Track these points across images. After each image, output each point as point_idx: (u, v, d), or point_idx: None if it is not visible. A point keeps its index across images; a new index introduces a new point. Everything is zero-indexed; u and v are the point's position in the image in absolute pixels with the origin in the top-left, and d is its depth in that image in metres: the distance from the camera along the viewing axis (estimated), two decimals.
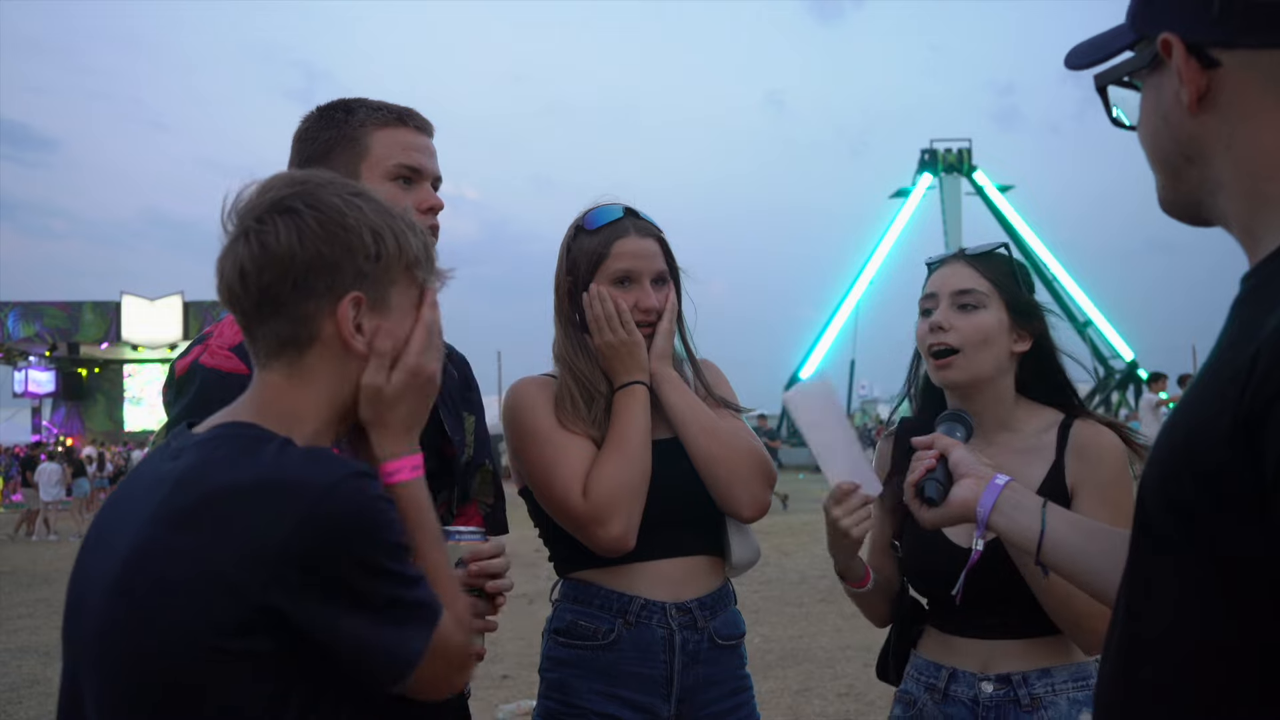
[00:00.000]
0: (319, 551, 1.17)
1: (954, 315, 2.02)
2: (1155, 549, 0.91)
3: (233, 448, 1.24)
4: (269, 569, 1.15)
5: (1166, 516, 0.89)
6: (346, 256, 1.28)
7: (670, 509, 2.11)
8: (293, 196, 1.28)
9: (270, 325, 1.29)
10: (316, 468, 1.21)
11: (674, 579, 2.10)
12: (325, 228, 1.27)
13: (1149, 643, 0.91)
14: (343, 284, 1.28)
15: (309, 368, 1.30)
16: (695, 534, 2.15)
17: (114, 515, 1.31)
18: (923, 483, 1.65)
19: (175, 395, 1.78)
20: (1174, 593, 0.88)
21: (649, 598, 2.08)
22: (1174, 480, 0.88)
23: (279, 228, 1.26)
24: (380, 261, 1.30)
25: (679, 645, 2.07)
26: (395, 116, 1.93)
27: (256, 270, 1.26)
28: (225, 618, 1.15)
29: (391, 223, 1.32)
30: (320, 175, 1.34)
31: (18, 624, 9.69)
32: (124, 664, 1.19)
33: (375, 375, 1.33)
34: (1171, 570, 0.88)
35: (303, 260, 1.26)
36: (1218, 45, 0.95)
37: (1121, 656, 0.95)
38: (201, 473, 1.22)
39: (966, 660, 2.02)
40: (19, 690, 7.07)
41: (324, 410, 1.32)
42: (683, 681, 2.08)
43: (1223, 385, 0.85)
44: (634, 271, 2.14)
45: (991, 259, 2.09)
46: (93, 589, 1.25)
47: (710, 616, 2.12)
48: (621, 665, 2.06)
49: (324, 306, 1.28)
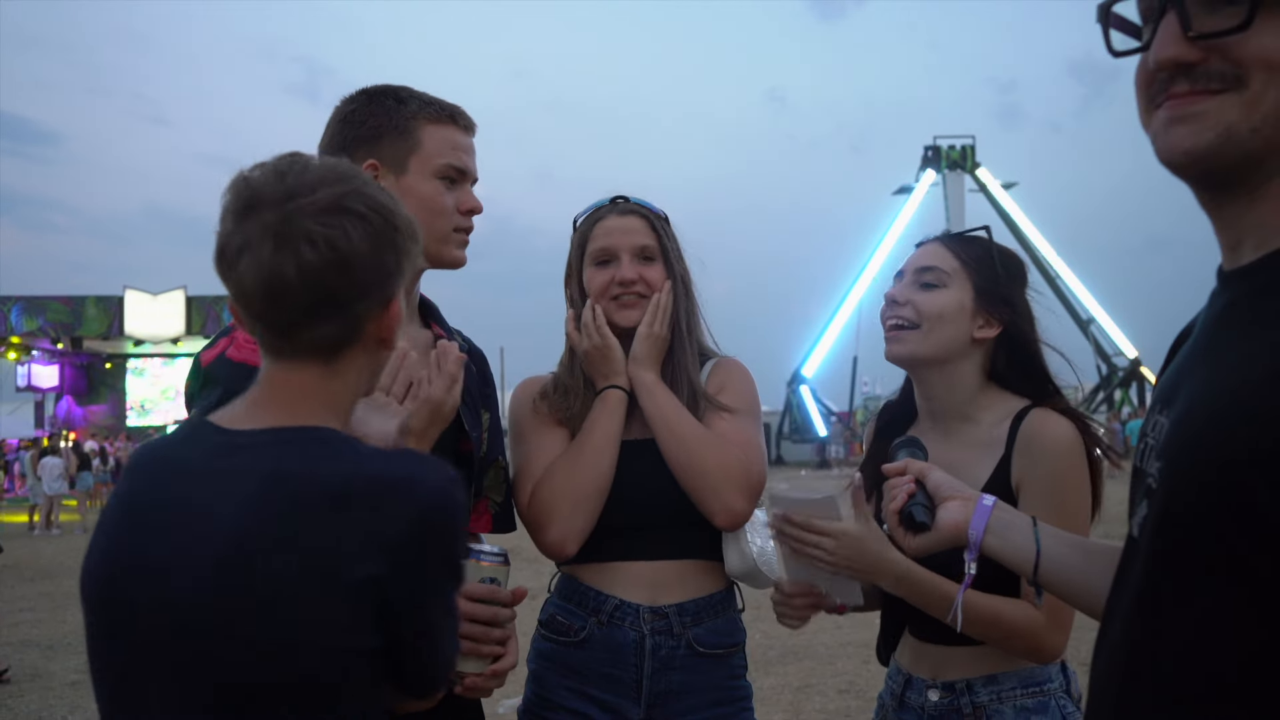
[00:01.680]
0: (428, 547, 1.20)
1: (913, 291, 1.97)
2: (1188, 566, 0.86)
3: (322, 445, 1.22)
4: (385, 563, 1.16)
5: (1206, 534, 0.84)
6: (397, 258, 1.27)
7: (653, 510, 2.07)
8: (350, 196, 1.24)
9: (321, 326, 1.24)
10: (424, 467, 1.24)
11: (653, 582, 2.06)
12: (384, 232, 1.25)
13: (1178, 662, 0.86)
14: (395, 285, 1.28)
15: (344, 364, 1.28)
16: (682, 537, 2.08)
17: (166, 513, 1.21)
18: (908, 508, 1.56)
19: (200, 388, 1.77)
20: (1212, 609, 0.84)
21: (624, 599, 2.04)
22: (1216, 493, 0.83)
23: (348, 230, 1.22)
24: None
25: (649, 650, 2.03)
26: (447, 114, 1.91)
27: (319, 271, 1.20)
28: (341, 614, 1.14)
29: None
30: (351, 168, 1.31)
31: (19, 618, 9.71)
32: (221, 664, 1.14)
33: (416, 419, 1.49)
34: (1201, 588, 0.84)
35: (370, 264, 1.24)
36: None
37: (1140, 679, 0.90)
38: (303, 468, 1.19)
39: (920, 666, 1.99)
40: (21, 684, 7.08)
41: (351, 400, 1.32)
42: (653, 687, 2.03)
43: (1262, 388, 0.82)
44: (610, 248, 2.13)
45: (969, 240, 2.03)
46: (168, 588, 1.16)
47: (692, 623, 2.06)
48: (591, 664, 2.04)
49: (374, 308, 1.27)
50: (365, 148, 1.87)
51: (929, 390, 2.01)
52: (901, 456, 1.68)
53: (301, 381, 1.27)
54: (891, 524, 1.59)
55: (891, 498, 1.59)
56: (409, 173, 1.87)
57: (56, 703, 6.58)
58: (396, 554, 1.16)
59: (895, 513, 1.58)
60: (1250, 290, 0.93)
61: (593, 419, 2.09)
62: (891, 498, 1.59)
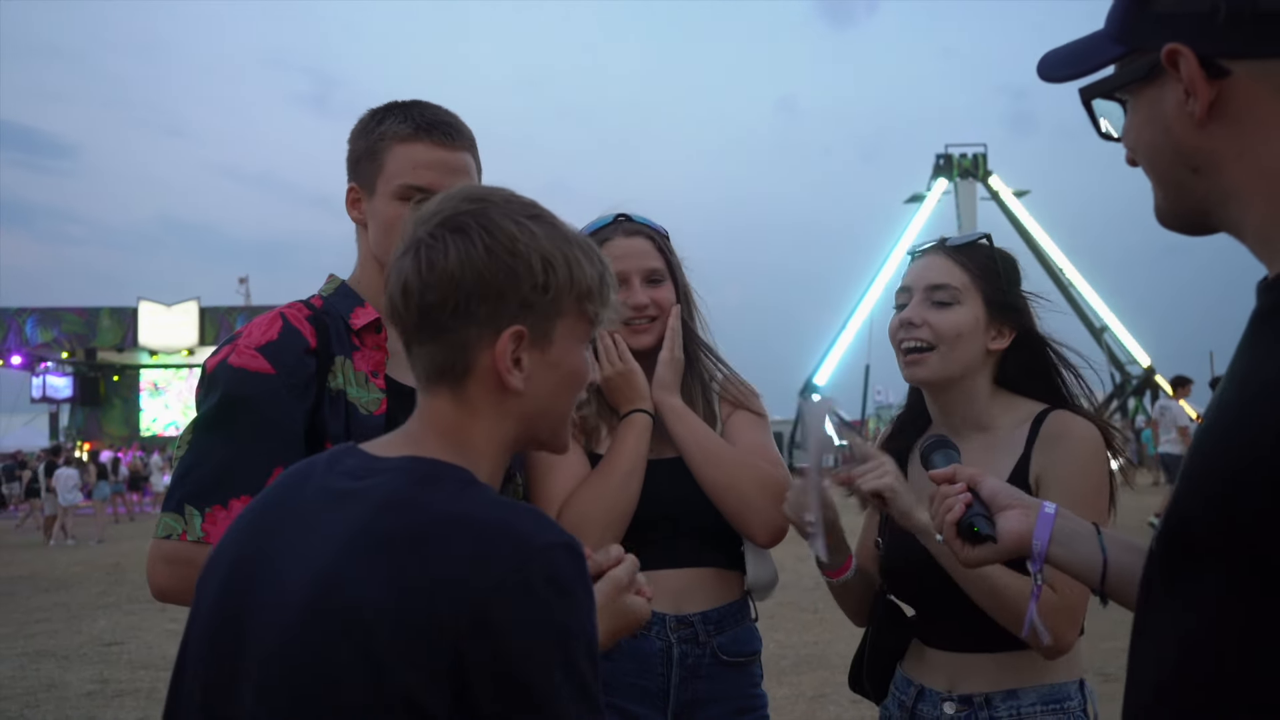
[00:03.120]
0: (527, 606, 1.07)
1: (927, 311, 1.93)
2: (1194, 573, 0.86)
3: (441, 480, 1.16)
4: (467, 616, 1.05)
5: (1213, 539, 0.84)
6: (512, 285, 1.19)
7: (677, 521, 2.09)
8: (466, 214, 1.20)
9: (428, 348, 1.21)
10: (535, 523, 1.13)
11: (677, 590, 2.07)
12: (492, 252, 1.18)
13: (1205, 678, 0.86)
14: (506, 314, 1.19)
15: (471, 398, 1.22)
16: (704, 547, 2.11)
17: (280, 532, 1.20)
18: (969, 519, 1.47)
19: (205, 393, 1.81)
20: (1240, 624, 0.83)
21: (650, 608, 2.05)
22: (1223, 503, 0.84)
23: (448, 246, 1.18)
24: (549, 293, 1.21)
25: (677, 659, 2.04)
26: (414, 130, 1.87)
27: (420, 288, 1.18)
28: (421, 657, 1.05)
29: (567, 249, 1.23)
30: (499, 194, 1.26)
31: (35, 628, 9.74)
32: (303, 690, 1.09)
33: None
34: (1220, 588, 0.84)
35: (467, 284, 1.18)
36: (1227, 55, 0.93)
37: (1169, 693, 0.89)
38: (414, 500, 1.14)
39: (935, 677, 1.93)
40: (36, 694, 7.09)
41: (493, 448, 1.24)
42: (680, 696, 2.04)
43: (1269, 399, 0.83)
44: (621, 272, 2.13)
45: (972, 250, 1.98)
46: (267, 607, 1.14)
47: (715, 632, 2.08)
48: (618, 675, 2.03)
49: (484, 335, 1.19)
50: (350, 172, 1.92)
51: (946, 406, 2.00)
52: (938, 460, 1.62)
53: (435, 412, 1.23)
54: (949, 535, 1.50)
55: (946, 508, 1.49)
56: (376, 195, 1.88)
57: (72, 713, 6.58)
58: (480, 609, 1.05)
59: (954, 524, 1.48)
60: (1265, 307, 0.94)
61: (621, 443, 2.08)
62: (946, 508, 1.49)
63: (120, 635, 9.22)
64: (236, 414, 1.75)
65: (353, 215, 1.94)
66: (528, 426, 1.26)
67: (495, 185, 1.29)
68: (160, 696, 6.97)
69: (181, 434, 1.83)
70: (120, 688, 7.16)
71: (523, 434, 1.27)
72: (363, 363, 1.87)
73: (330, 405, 1.80)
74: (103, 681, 7.39)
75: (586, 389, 1.32)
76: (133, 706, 6.62)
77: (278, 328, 1.82)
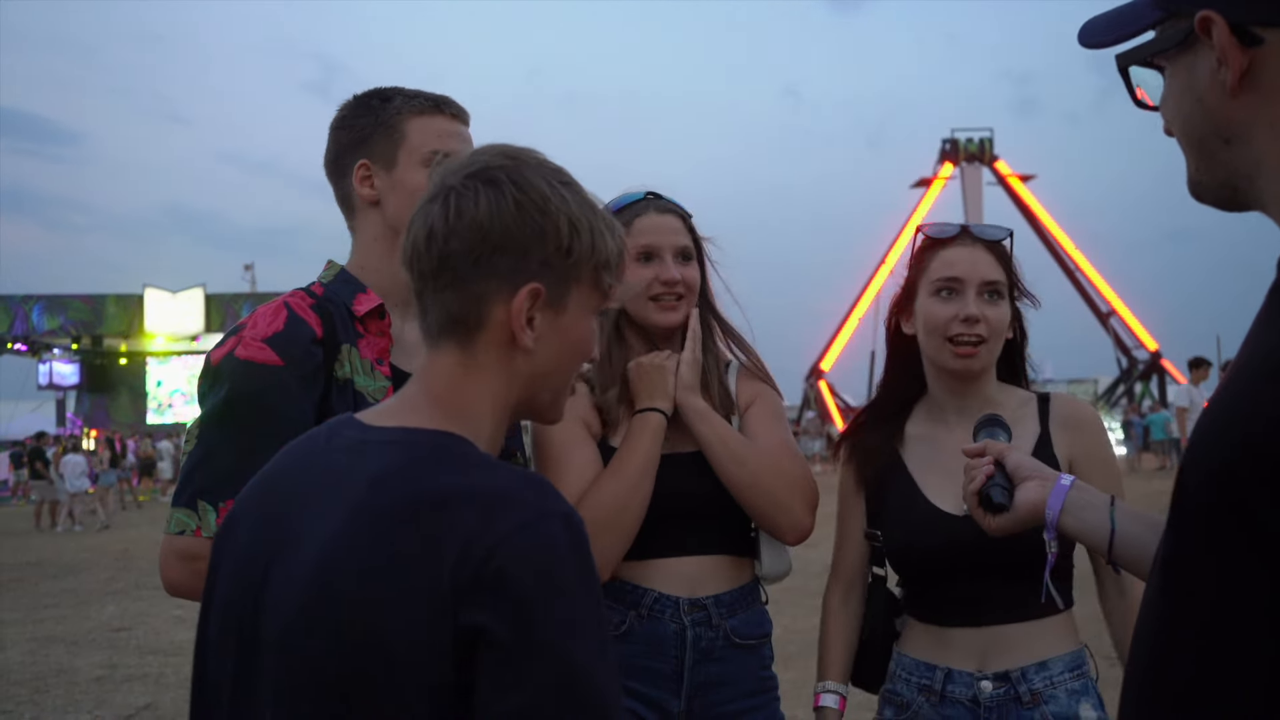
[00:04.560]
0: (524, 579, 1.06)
1: (984, 306, 2.00)
2: (1202, 545, 0.86)
3: (435, 452, 1.16)
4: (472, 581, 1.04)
5: (1217, 516, 0.84)
6: (537, 243, 1.19)
7: (694, 514, 2.10)
8: (500, 169, 1.20)
9: (444, 296, 1.20)
10: (534, 490, 1.12)
11: (691, 575, 2.09)
12: (522, 207, 1.18)
13: (1188, 642, 0.87)
14: (527, 271, 1.19)
15: (478, 354, 1.21)
16: (718, 536, 2.13)
17: (285, 515, 1.19)
18: (987, 489, 1.59)
19: (209, 386, 1.79)
20: (1220, 592, 0.84)
21: (663, 591, 2.07)
22: (1226, 468, 0.83)
23: (479, 196, 1.18)
24: (571, 257, 1.21)
25: (690, 641, 2.06)
26: (431, 104, 1.93)
27: (444, 235, 1.18)
28: (422, 632, 1.04)
29: (592, 218, 1.23)
30: (532, 154, 1.26)
31: (44, 614, 9.80)
32: (310, 667, 1.09)
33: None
34: (1218, 569, 0.84)
35: (494, 235, 1.17)
36: (1260, 23, 0.90)
37: (1156, 656, 0.91)
38: (408, 474, 1.13)
39: (962, 657, 1.96)
40: (46, 679, 7.14)
41: (496, 408, 1.23)
42: (693, 678, 2.06)
43: (1271, 375, 0.82)
44: (654, 246, 2.13)
45: (1002, 248, 2.08)
46: (275, 586, 1.15)
47: (727, 614, 2.10)
48: (632, 658, 2.05)
49: (502, 290, 1.19)
50: (357, 151, 1.91)
51: (969, 391, 2.07)
52: (983, 438, 1.72)
53: (438, 372, 1.22)
54: (970, 504, 1.62)
55: (970, 479, 1.63)
56: (398, 166, 1.89)
57: (82, 698, 6.63)
58: (485, 565, 1.04)
59: (975, 494, 1.61)
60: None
61: (634, 442, 2.07)
62: (970, 479, 1.63)
63: (128, 621, 9.27)
64: (246, 408, 1.73)
65: (363, 193, 1.91)
66: (530, 389, 1.25)
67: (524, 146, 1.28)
68: (169, 681, 7.00)
69: (189, 428, 1.82)
70: (129, 673, 7.21)
71: (524, 397, 1.26)
72: (368, 350, 1.86)
73: (338, 394, 1.79)
74: (111, 667, 7.44)
75: (608, 376, 1.30)
76: (141, 691, 6.66)
77: (283, 318, 1.80)
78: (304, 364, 1.77)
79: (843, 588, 2.17)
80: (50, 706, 6.48)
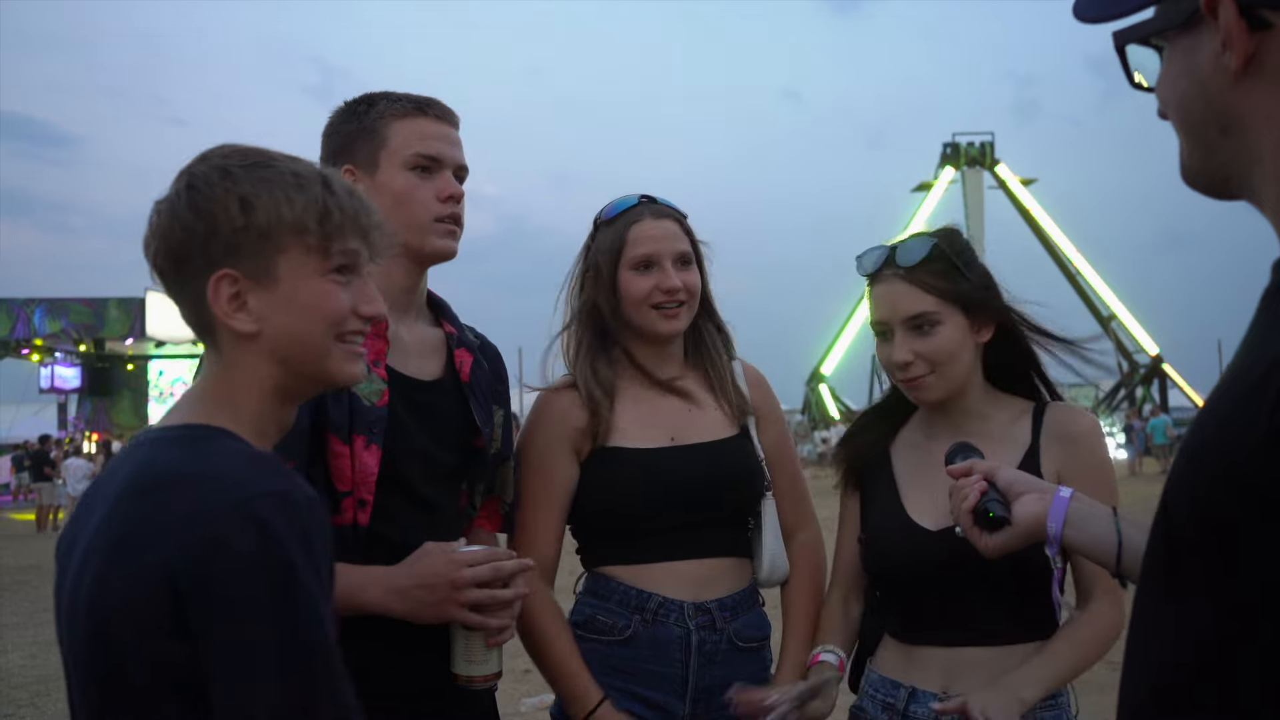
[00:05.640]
0: (227, 550, 1.12)
1: (914, 343, 1.88)
2: (1183, 560, 0.84)
3: (182, 442, 1.21)
4: (178, 556, 1.10)
5: (1198, 527, 0.82)
6: (211, 230, 1.21)
7: (695, 512, 2.10)
8: (184, 172, 1.25)
9: (179, 306, 1.26)
10: (253, 469, 1.17)
11: (695, 579, 2.08)
12: (192, 201, 1.21)
13: (1174, 662, 0.85)
14: (213, 260, 1.21)
15: (225, 350, 1.25)
16: (720, 536, 2.13)
17: (85, 510, 1.27)
18: (984, 505, 1.50)
19: None
20: (1206, 610, 0.81)
21: (668, 596, 2.06)
22: (1206, 490, 0.81)
23: (163, 204, 1.23)
24: (250, 231, 1.21)
25: (695, 645, 2.06)
26: (414, 106, 1.93)
27: (151, 249, 1.24)
28: (151, 615, 1.10)
29: (269, 188, 1.22)
30: (222, 149, 1.28)
31: (46, 618, 9.77)
32: (80, 654, 1.18)
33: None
34: (1203, 587, 0.82)
35: (173, 237, 1.22)
36: (1270, 6, 0.85)
37: (1141, 675, 0.89)
38: (150, 464, 1.19)
39: (926, 676, 1.88)
40: (48, 683, 7.15)
41: (260, 393, 1.26)
42: (698, 682, 2.06)
43: (1255, 386, 0.78)
44: (654, 255, 2.12)
45: (929, 264, 1.89)
46: (67, 581, 1.23)
47: (731, 618, 2.10)
48: (637, 662, 2.05)
49: (204, 286, 1.22)
50: (342, 156, 1.93)
51: (945, 407, 1.97)
52: (958, 460, 1.62)
53: (207, 369, 1.29)
54: (965, 524, 1.53)
55: (962, 498, 1.53)
56: (380, 169, 1.90)
57: None
58: (190, 550, 1.10)
59: (969, 512, 1.52)
60: (1273, 284, 0.90)
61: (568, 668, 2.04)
62: (962, 498, 1.53)
63: None
64: None
65: None
66: (287, 366, 1.27)
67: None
68: None
69: None
70: None
71: (286, 375, 1.27)
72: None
73: (334, 397, 1.78)
74: None
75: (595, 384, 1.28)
76: None
77: None
78: None
79: (841, 591, 2.13)
80: (51, 711, 6.49)
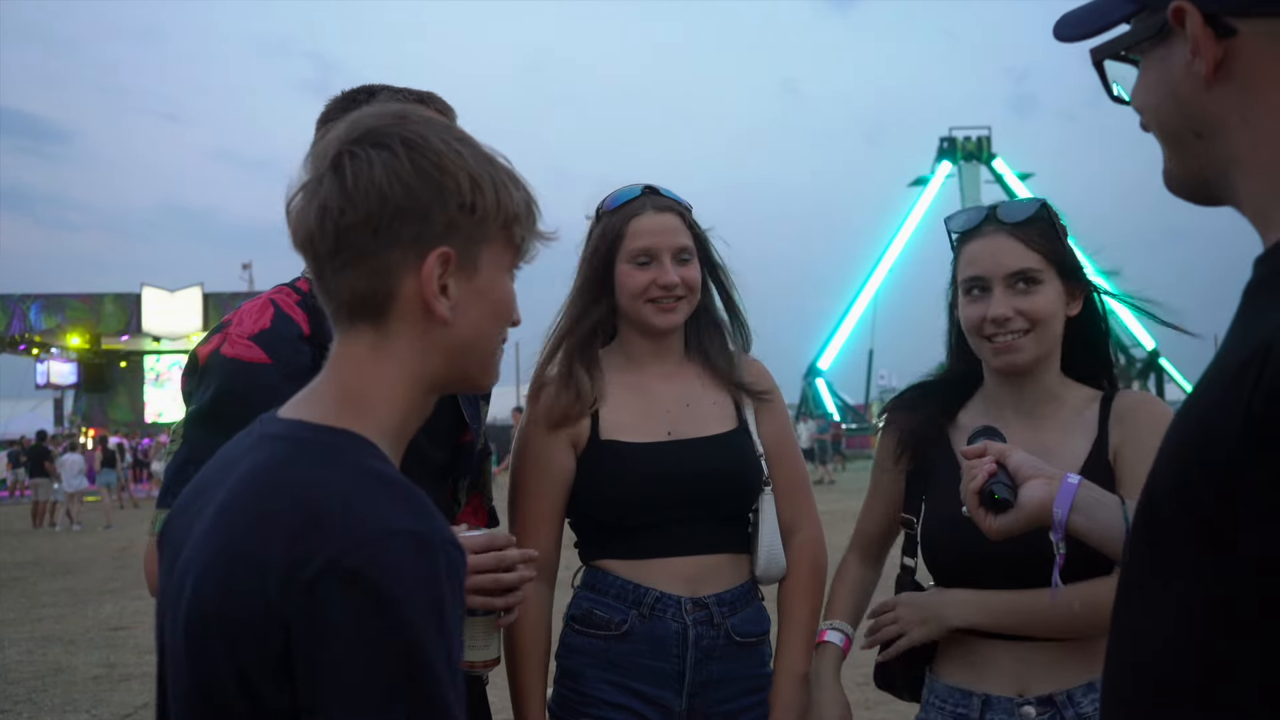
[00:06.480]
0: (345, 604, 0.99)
1: (1014, 299, 1.82)
2: (1165, 546, 0.85)
3: (308, 449, 1.09)
4: (292, 604, 0.99)
5: (1179, 514, 0.83)
6: (439, 204, 1.10)
7: (694, 507, 2.09)
8: (388, 130, 1.11)
9: (346, 277, 1.11)
10: (387, 499, 1.04)
11: (692, 574, 2.08)
12: (419, 168, 1.09)
13: (1154, 646, 0.86)
14: (432, 236, 1.10)
15: (391, 334, 1.13)
16: (718, 532, 2.12)
17: (198, 503, 1.17)
18: (989, 486, 1.50)
19: (196, 384, 1.76)
20: (1184, 594, 0.82)
21: (665, 591, 2.06)
22: (1186, 477, 0.82)
23: (372, 161, 1.08)
24: (475, 214, 1.12)
25: (692, 640, 2.05)
26: (415, 99, 1.91)
27: (339, 207, 1.08)
28: (252, 647, 1.00)
29: (493, 172, 1.14)
30: (420, 112, 1.19)
31: (43, 613, 9.79)
32: (190, 666, 1.07)
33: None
34: (1185, 569, 0.83)
35: (392, 201, 1.08)
36: (1235, 13, 0.89)
37: (1125, 658, 0.90)
38: (267, 471, 1.08)
39: (1000, 682, 1.80)
40: (44, 678, 7.14)
41: (412, 391, 1.16)
42: (695, 677, 2.06)
43: (1234, 377, 0.80)
44: (652, 248, 2.10)
45: (1033, 224, 1.86)
46: (181, 580, 1.12)
47: (729, 613, 2.09)
48: (634, 657, 2.05)
49: (408, 259, 1.10)
50: None
51: (1023, 386, 1.89)
52: (978, 441, 1.61)
53: (345, 362, 1.15)
54: (971, 504, 1.52)
55: (971, 478, 1.53)
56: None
57: (79, 697, 6.62)
58: (302, 597, 0.98)
59: (975, 492, 1.51)
60: (1253, 280, 0.91)
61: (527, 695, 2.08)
62: (971, 478, 1.53)
63: (127, 620, 9.26)
64: (234, 407, 1.68)
65: None
66: (455, 362, 1.17)
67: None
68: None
69: (174, 428, 1.79)
70: (127, 671, 7.20)
71: (450, 371, 1.18)
72: None
73: None
74: (109, 666, 7.43)
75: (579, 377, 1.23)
76: (139, 690, 6.64)
77: (269, 315, 1.78)
78: (292, 361, 1.74)
79: (859, 556, 2.08)
80: (48, 706, 6.48)
